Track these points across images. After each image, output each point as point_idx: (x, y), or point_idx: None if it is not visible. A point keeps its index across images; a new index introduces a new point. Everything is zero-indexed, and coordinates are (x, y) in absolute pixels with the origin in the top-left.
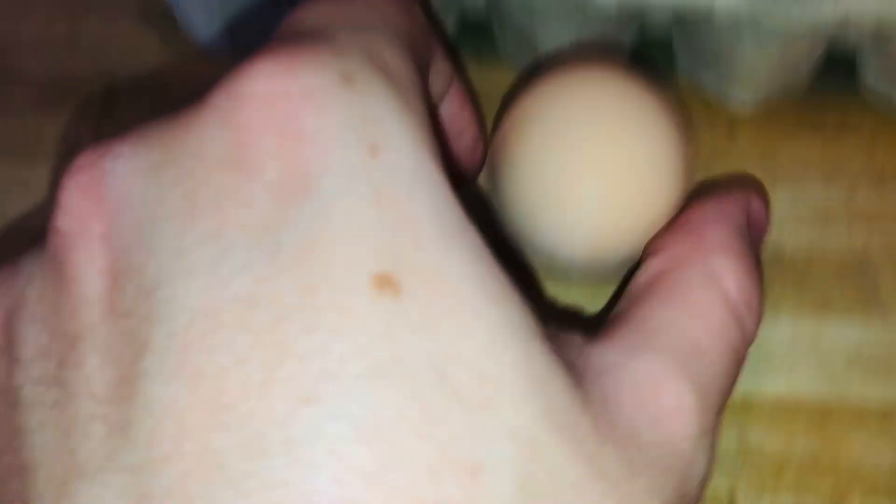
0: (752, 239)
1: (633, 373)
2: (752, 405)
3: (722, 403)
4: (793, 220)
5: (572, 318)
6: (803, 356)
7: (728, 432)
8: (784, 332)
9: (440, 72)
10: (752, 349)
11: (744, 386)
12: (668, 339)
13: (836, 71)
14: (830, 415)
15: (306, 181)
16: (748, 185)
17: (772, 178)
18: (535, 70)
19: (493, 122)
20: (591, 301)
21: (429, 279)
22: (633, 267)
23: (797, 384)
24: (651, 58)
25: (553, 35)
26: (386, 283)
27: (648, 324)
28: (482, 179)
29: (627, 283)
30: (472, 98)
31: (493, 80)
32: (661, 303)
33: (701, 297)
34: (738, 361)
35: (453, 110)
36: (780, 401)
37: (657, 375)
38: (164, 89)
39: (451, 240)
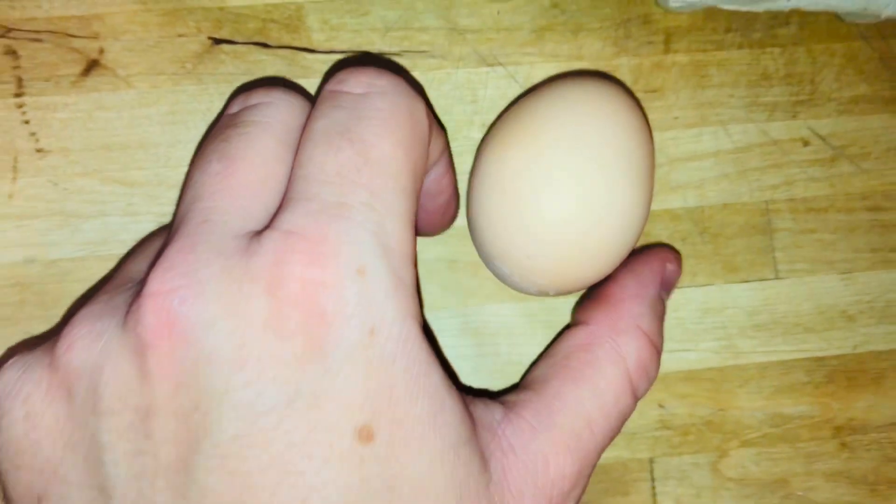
0: (665, 291)
1: (532, 453)
2: (668, 380)
3: (599, 457)
4: (714, 168)
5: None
6: (711, 325)
7: (649, 407)
8: (698, 302)
9: (435, 143)
10: (669, 326)
11: (664, 364)
12: (568, 419)
13: None
14: (725, 378)
15: (322, 352)
16: (664, 253)
17: (701, 87)
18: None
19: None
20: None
21: (396, 425)
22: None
23: (703, 354)
24: None
25: None
26: (365, 431)
27: (556, 402)
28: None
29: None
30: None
31: None
32: (572, 381)
33: (605, 376)
34: (623, 420)
35: (439, 173)
36: (690, 372)
37: (550, 453)
38: None
39: (416, 391)
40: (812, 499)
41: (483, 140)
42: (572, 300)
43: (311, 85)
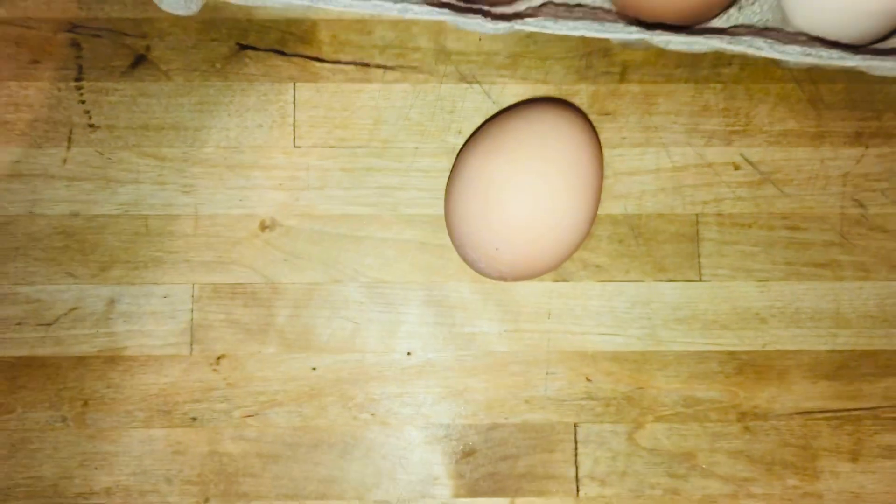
0: None
1: None
2: (596, 358)
3: None
4: (653, 182)
5: None
6: (638, 315)
7: (577, 379)
8: (628, 294)
9: None
10: (601, 312)
11: (591, 343)
12: None
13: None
14: (646, 361)
15: None
16: None
17: (649, 113)
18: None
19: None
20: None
21: None
22: None
23: (629, 339)
24: None
25: None
26: None
27: None
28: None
29: None
30: None
31: None
32: None
33: None
34: None
35: None
36: (616, 353)
37: None
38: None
39: None
40: (714, 472)
41: (462, 148)
42: (521, 284)
43: (317, 88)
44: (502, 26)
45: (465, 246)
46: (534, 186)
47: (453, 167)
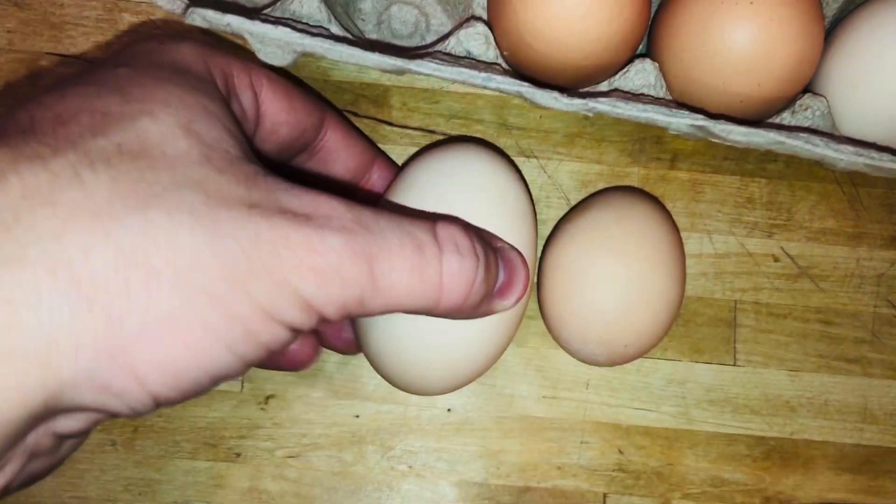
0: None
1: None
2: (629, 431)
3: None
4: (695, 266)
5: None
6: (672, 393)
7: (609, 450)
8: (665, 372)
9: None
10: (637, 388)
11: (626, 417)
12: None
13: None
14: (677, 439)
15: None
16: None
17: (695, 200)
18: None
19: None
20: None
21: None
22: None
23: (662, 416)
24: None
25: None
26: None
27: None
28: None
29: None
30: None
31: None
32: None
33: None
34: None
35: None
36: (649, 428)
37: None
38: None
39: None
40: None
41: (550, 242)
42: (562, 353)
43: (385, 149)
44: (577, 102)
45: (586, 342)
46: (640, 278)
47: (545, 263)
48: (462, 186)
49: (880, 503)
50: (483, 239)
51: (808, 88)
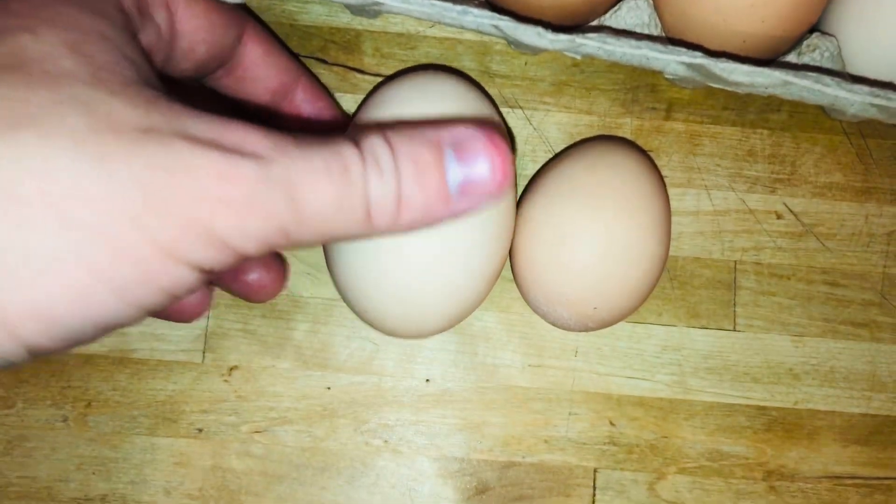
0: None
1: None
2: (621, 401)
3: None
4: (692, 225)
5: None
6: (667, 361)
7: (600, 422)
8: (659, 338)
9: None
10: (630, 355)
11: (617, 386)
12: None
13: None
14: (673, 410)
15: None
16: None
17: (692, 153)
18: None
19: None
20: None
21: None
22: None
23: (656, 385)
24: None
25: None
26: None
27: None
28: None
29: None
30: None
31: None
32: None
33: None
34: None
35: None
36: (642, 398)
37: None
38: None
39: None
40: None
41: (525, 197)
42: (544, 322)
43: (356, 99)
44: (562, 38)
45: (553, 304)
46: (616, 235)
47: (523, 218)
48: (425, 115)
49: (890, 476)
50: (417, 140)
51: (816, 27)
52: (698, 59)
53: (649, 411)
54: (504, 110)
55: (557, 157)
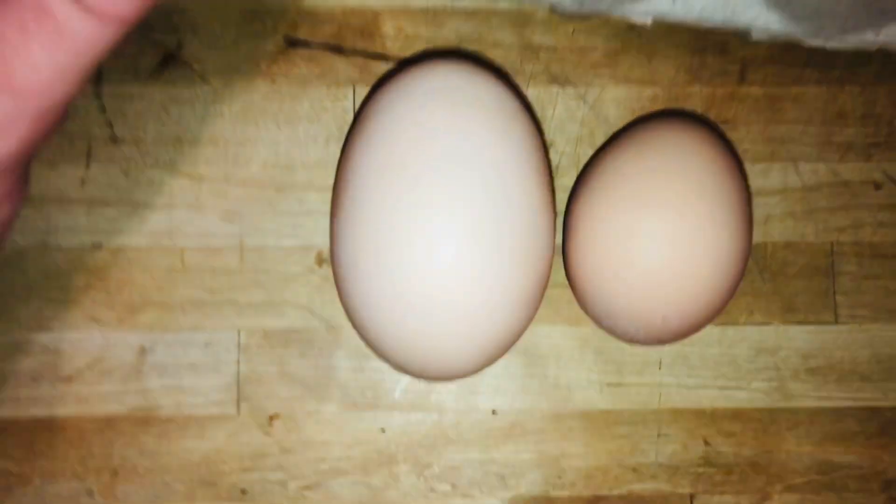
0: None
1: None
2: (715, 416)
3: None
4: (780, 205)
5: None
6: (763, 365)
7: (693, 442)
8: (752, 340)
9: None
10: (721, 363)
11: (709, 399)
12: None
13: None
14: (773, 420)
15: None
16: None
17: (774, 121)
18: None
19: None
20: None
21: None
22: None
23: (753, 394)
24: None
25: None
26: None
27: None
28: None
29: None
30: None
31: None
32: None
33: None
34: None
35: None
36: (738, 410)
37: None
38: None
39: None
40: None
41: (576, 190)
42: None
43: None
44: None
45: (616, 318)
46: (687, 235)
47: (573, 216)
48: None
49: None
50: None
51: None
52: None
53: (747, 424)
54: (553, 89)
55: (615, 140)
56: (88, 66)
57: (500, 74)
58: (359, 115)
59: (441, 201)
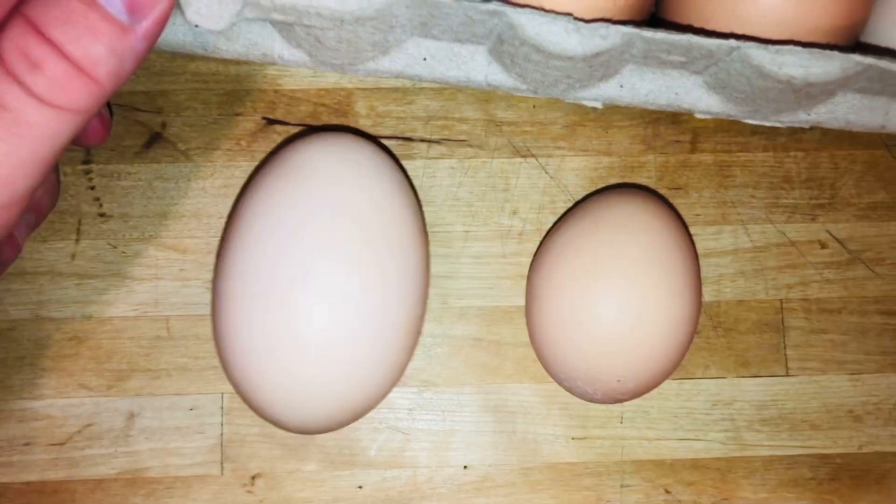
0: None
1: None
2: (675, 466)
3: None
4: (731, 265)
5: None
6: (719, 416)
7: (654, 492)
8: (708, 393)
9: None
10: (679, 415)
11: (669, 450)
12: None
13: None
14: (730, 469)
15: None
16: None
17: (724, 186)
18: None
19: None
20: None
21: None
22: None
23: (710, 444)
24: None
25: None
26: None
27: None
28: None
29: None
30: None
31: None
32: None
33: None
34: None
35: None
36: (697, 460)
37: None
38: None
39: None
40: None
41: (537, 259)
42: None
43: None
44: (600, 30)
45: (574, 379)
46: (637, 303)
47: (533, 284)
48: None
49: None
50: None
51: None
52: (751, 47)
53: (706, 473)
54: (516, 161)
55: (573, 211)
56: (50, 156)
57: (381, 147)
58: (247, 184)
59: (316, 268)
